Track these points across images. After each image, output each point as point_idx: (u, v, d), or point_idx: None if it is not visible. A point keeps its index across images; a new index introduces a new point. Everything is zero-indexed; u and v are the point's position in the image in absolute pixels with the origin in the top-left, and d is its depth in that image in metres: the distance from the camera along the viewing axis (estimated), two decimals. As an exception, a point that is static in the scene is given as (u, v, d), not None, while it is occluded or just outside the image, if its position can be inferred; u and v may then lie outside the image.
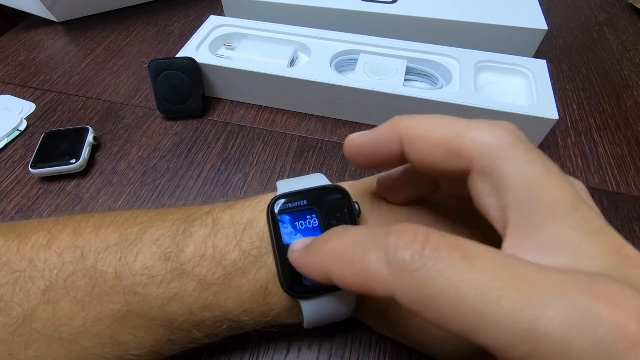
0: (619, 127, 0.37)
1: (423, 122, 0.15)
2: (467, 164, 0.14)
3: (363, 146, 0.17)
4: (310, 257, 0.15)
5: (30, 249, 0.18)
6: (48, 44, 0.47)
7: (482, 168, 0.14)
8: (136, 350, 0.18)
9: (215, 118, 0.38)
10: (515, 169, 0.13)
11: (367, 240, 0.13)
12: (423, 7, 0.42)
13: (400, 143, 0.16)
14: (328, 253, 0.14)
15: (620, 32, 0.50)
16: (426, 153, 0.15)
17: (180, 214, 0.20)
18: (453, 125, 0.15)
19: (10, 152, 0.35)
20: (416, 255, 0.11)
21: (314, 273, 0.15)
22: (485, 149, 0.14)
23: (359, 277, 0.13)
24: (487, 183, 0.14)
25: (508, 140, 0.14)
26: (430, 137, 0.15)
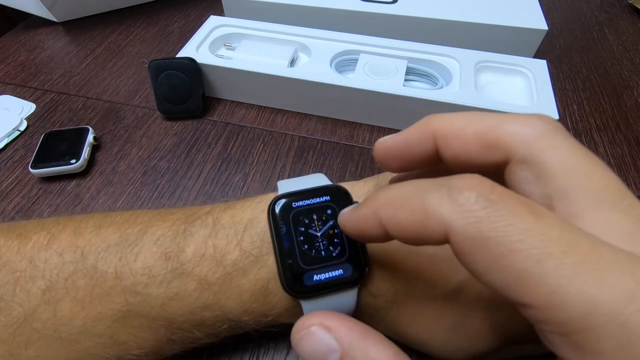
0: (619, 127, 0.38)
1: (455, 119, 0.15)
2: (505, 155, 0.14)
3: (394, 148, 0.16)
4: (362, 209, 0.14)
5: (30, 249, 0.18)
6: (48, 44, 0.47)
7: (523, 157, 0.13)
8: (136, 349, 0.18)
9: (215, 118, 0.38)
10: (558, 156, 0.13)
11: (428, 182, 0.12)
12: (423, 7, 0.42)
13: (434, 141, 0.15)
14: (382, 199, 0.13)
15: (620, 32, 0.50)
16: (462, 148, 0.15)
17: (181, 214, 0.20)
18: (487, 119, 0.14)
19: (10, 152, 0.35)
20: (482, 197, 0.11)
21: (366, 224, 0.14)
22: (524, 138, 0.13)
23: (414, 217, 0.12)
24: (528, 172, 0.13)
25: (547, 129, 0.13)
26: (466, 133, 0.15)
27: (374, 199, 0.14)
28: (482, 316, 0.17)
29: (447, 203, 0.11)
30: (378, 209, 0.13)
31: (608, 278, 0.09)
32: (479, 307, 0.17)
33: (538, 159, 0.13)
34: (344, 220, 0.15)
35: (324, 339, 0.14)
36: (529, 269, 0.10)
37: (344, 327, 0.14)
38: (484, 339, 0.17)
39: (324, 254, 0.17)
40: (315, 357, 0.14)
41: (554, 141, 0.13)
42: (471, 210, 0.11)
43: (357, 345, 0.14)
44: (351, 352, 0.14)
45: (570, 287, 0.09)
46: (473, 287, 0.17)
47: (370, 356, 0.13)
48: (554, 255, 0.10)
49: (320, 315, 0.15)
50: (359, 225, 0.14)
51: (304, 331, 0.14)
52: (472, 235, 0.11)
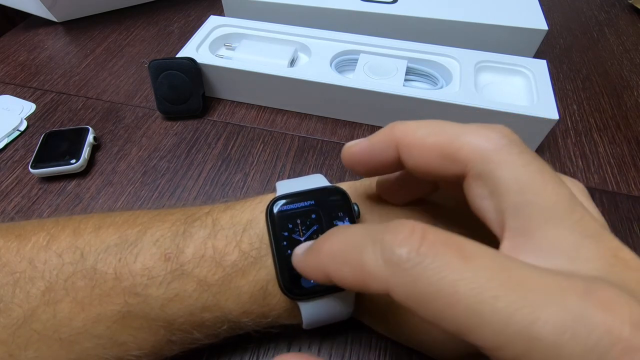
0: (619, 127, 0.37)
1: (417, 128, 0.15)
2: (462, 168, 0.14)
3: (359, 154, 0.17)
4: (310, 259, 0.15)
5: (29, 250, 0.18)
6: (48, 44, 0.47)
7: (477, 172, 0.14)
8: (136, 350, 0.18)
9: (215, 118, 0.38)
10: (510, 173, 0.13)
11: (364, 237, 0.13)
12: (423, 7, 0.42)
13: (396, 149, 0.16)
14: (326, 253, 0.14)
15: (620, 32, 0.50)
16: (422, 159, 0.15)
17: (180, 215, 0.20)
18: (447, 130, 0.15)
19: (10, 152, 0.35)
20: (412, 252, 0.11)
21: (314, 274, 0.15)
22: (479, 153, 0.14)
23: (356, 275, 0.13)
24: (483, 187, 0.14)
25: (502, 144, 0.14)
26: (425, 143, 0.15)
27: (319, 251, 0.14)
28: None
29: (382, 264, 0.12)
30: (324, 263, 0.14)
31: (541, 311, 0.10)
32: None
33: (492, 175, 0.14)
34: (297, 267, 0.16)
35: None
36: (468, 319, 0.10)
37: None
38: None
39: None
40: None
41: (507, 155, 0.14)
42: (405, 268, 0.11)
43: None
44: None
45: (507, 328, 0.10)
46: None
47: None
48: (486, 302, 0.10)
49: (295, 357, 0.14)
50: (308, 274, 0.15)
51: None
52: (411, 294, 0.11)
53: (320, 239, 0.15)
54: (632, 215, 0.31)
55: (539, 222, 0.13)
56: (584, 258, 0.12)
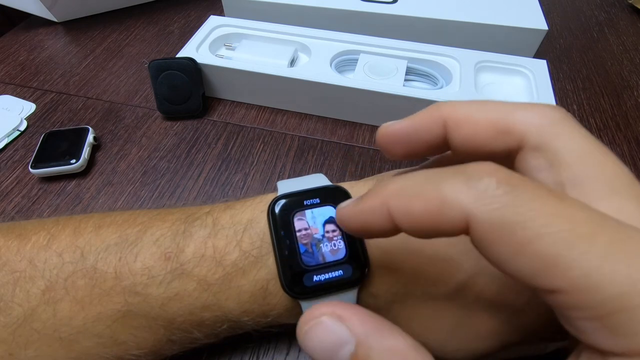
0: (619, 127, 0.37)
1: (467, 105, 0.15)
2: (517, 141, 0.14)
3: (401, 132, 0.16)
4: (367, 201, 0.13)
5: (30, 249, 0.18)
6: (48, 44, 0.47)
7: (535, 144, 0.13)
8: (136, 350, 0.18)
9: (215, 118, 0.38)
10: (570, 144, 0.13)
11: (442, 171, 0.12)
12: (423, 7, 0.42)
13: (443, 127, 0.15)
14: (392, 189, 0.12)
15: (620, 32, 0.50)
16: (473, 134, 0.14)
17: (180, 214, 0.20)
18: (500, 106, 0.14)
19: (10, 152, 0.35)
20: (502, 181, 0.10)
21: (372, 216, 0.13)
22: (538, 125, 0.13)
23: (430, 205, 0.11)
24: (541, 159, 0.13)
25: (559, 117, 0.13)
26: (478, 118, 0.14)
27: (382, 188, 0.13)
28: (482, 317, 0.17)
29: (466, 190, 0.11)
30: (387, 199, 0.12)
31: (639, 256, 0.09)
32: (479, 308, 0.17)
33: (551, 147, 0.13)
34: (345, 214, 0.14)
35: (337, 329, 0.13)
36: (558, 253, 0.09)
37: (358, 316, 0.13)
38: (484, 340, 0.17)
39: None
40: (326, 349, 0.13)
41: (566, 129, 0.13)
42: (493, 196, 0.10)
43: (373, 335, 0.13)
44: (367, 343, 0.13)
45: (603, 267, 0.09)
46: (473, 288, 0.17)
47: (388, 347, 0.13)
48: (584, 237, 0.09)
49: (331, 305, 0.14)
50: (363, 217, 0.13)
51: (313, 321, 0.13)
52: (496, 221, 0.10)
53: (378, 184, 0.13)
54: (632, 215, 0.31)
55: (602, 193, 0.12)
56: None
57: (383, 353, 0.12)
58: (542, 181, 0.13)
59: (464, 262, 0.17)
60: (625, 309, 0.09)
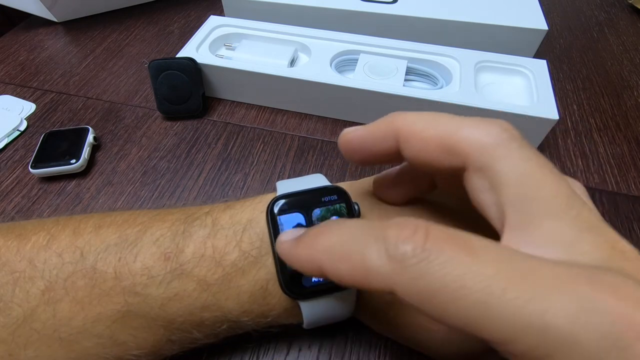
0: (619, 127, 0.37)
1: (418, 119, 0.15)
2: (462, 161, 0.14)
3: (357, 141, 0.17)
4: (301, 250, 0.14)
5: (30, 249, 0.18)
6: (48, 44, 0.47)
7: (478, 165, 0.14)
8: (136, 350, 0.18)
9: (215, 118, 0.38)
10: (510, 166, 0.13)
11: (365, 233, 0.13)
12: (423, 7, 0.42)
13: (396, 139, 0.16)
14: (322, 246, 0.13)
15: (620, 32, 0.50)
16: (422, 150, 0.15)
17: (180, 214, 0.20)
18: (448, 122, 0.15)
19: (10, 152, 0.35)
20: (418, 248, 0.11)
21: (306, 267, 0.14)
22: (480, 146, 0.14)
23: (356, 272, 0.12)
24: (483, 180, 0.14)
25: (503, 138, 0.14)
26: (426, 135, 0.15)
27: (313, 243, 0.14)
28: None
29: (386, 261, 0.12)
30: (319, 257, 0.13)
31: (551, 302, 0.10)
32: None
33: (492, 168, 0.14)
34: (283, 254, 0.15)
35: None
36: (476, 313, 0.10)
37: None
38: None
39: None
40: None
41: (508, 150, 0.14)
42: (410, 264, 0.11)
43: None
44: None
45: (518, 321, 0.10)
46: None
47: None
48: (495, 295, 0.10)
49: None
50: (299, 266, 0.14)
51: None
52: (416, 291, 0.11)
53: (313, 229, 0.14)
54: (632, 215, 0.31)
55: (538, 216, 0.13)
56: (582, 250, 0.12)
57: None
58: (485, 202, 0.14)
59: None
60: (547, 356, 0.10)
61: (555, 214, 0.13)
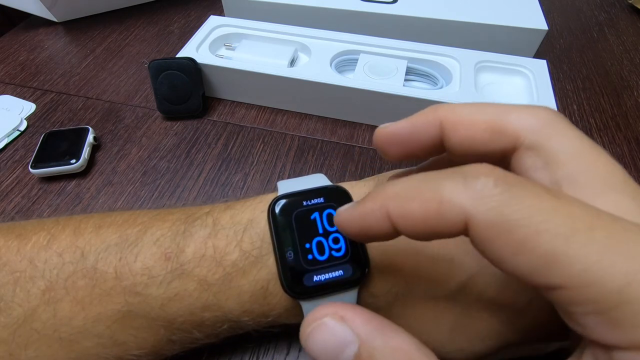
0: (619, 127, 0.37)
1: (463, 107, 0.15)
2: (513, 142, 0.14)
3: (398, 133, 0.16)
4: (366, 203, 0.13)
5: (30, 249, 0.18)
6: (48, 44, 0.47)
7: (530, 144, 0.14)
8: (136, 350, 0.18)
9: (215, 118, 0.38)
10: (565, 143, 0.13)
11: (439, 172, 0.12)
12: (423, 7, 0.42)
13: (440, 128, 0.15)
14: (391, 192, 0.12)
15: (620, 32, 0.50)
16: (470, 135, 0.15)
17: (180, 214, 0.20)
18: (495, 107, 0.15)
19: (10, 152, 0.35)
20: (500, 180, 0.11)
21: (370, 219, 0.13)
22: (533, 125, 0.14)
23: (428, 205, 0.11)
24: (537, 158, 0.14)
25: (553, 118, 0.14)
26: (474, 120, 0.15)
27: (381, 191, 0.13)
28: (483, 317, 0.17)
29: (463, 190, 0.11)
30: (385, 202, 0.12)
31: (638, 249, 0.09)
32: (479, 308, 0.17)
33: (546, 146, 0.13)
34: (344, 218, 0.14)
35: (340, 330, 0.13)
36: (558, 248, 0.10)
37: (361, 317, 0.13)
38: (484, 340, 0.17)
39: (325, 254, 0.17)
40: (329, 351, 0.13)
41: (559, 130, 0.13)
42: (491, 195, 0.10)
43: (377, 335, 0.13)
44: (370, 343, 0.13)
45: (602, 262, 0.09)
46: (474, 288, 0.17)
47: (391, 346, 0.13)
48: (582, 232, 0.10)
49: (334, 306, 0.14)
50: (362, 221, 0.13)
51: (316, 323, 0.13)
52: (495, 220, 0.10)
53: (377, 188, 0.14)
54: (632, 215, 0.31)
55: (598, 189, 0.12)
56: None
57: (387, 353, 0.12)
58: (538, 180, 0.14)
59: (465, 262, 0.17)
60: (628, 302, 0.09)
61: (616, 189, 0.12)
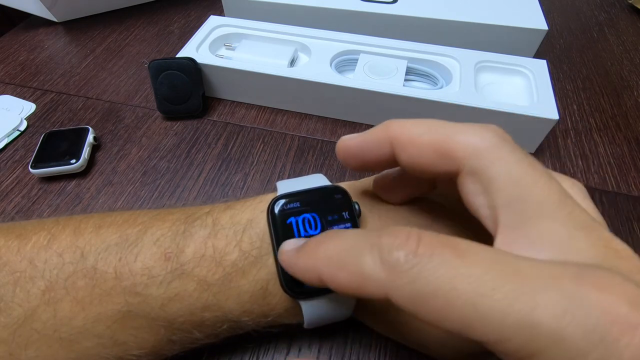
0: (619, 127, 0.37)
1: (412, 126, 0.16)
2: (456, 165, 0.15)
3: (353, 148, 0.17)
4: (302, 259, 0.15)
5: (30, 249, 0.18)
6: (48, 44, 0.47)
7: (471, 168, 0.14)
8: (136, 350, 0.18)
9: (215, 118, 0.38)
10: (502, 169, 0.14)
11: (361, 242, 0.13)
12: (423, 7, 0.42)
13: (391, 146, 0.16)
14: (321, 256, 0.14)
15: (620, 32, 0.50)
16: (416, 156, 0.15)
17: (180, 214, 0.20)
18: (441, 128, 0.15)
19: (10, 152, 0.35)
20: (410, 254, 0.12)
21: (306, 276, 0.15)
22: (473, 150, 0.14)
23: (353, 280, 0.13)
24: (476, 183, 0.14)
25: (495, 142, 0.14)
26: (420, 141, 0.15)
27: (312, 253, 0.15)
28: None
29: (380, 268, 0.12)
30: (318, 266, 0.14)
31: (538, 300, 0.10)
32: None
33: (485, 171, 0.14)
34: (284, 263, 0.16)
35: None
36: (468, 314, 0.11)
37: None
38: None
39: None
40: None
41: (500, 152, 0.14)
42: (403, 270, 0.12)
43: None
44: None
45: (506, 319, 0.10)
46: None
47: None
48: (484, 295, 0.10)
49: None
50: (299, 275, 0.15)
51: None
52: (410, 297, 0.12)
53: (313, 239, 0.15)
54: (632, 215, 0.31)
55: (530, 216, 0.13)
56: (576, 249, 0.12)
57: None
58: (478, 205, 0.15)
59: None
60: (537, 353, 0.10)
61: (548, 214, 0.13)
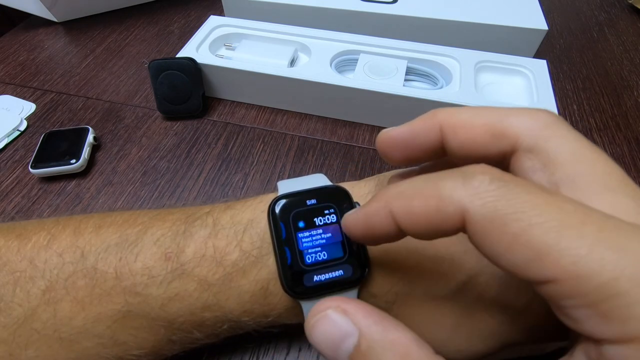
0: (619, 127, 0.37)
1: (463, 111, 0.15)
2: (512, 144, 0.14)
3: (399, 138, 0.16)
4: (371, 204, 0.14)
5: (30, 249, 0.18)
6: (48, 44, 0.47)
7: (529, 146, 0.14)
8: (136, 350, 0.18)
9: (215, 118, 0.38)
10: (563, 145, 0.13)
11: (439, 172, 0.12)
12: (423, 7, 0.42)
13: (440, 132, 0.15)
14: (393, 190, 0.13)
15: (620, 32, 0.50)
16: (469, 138, 0.15)
17: (180, 214, 0.20)
18: (494, 111, 0.15)
19: (10, 152, 0.35)
20: (495, 178, 0.11)
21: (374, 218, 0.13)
22: (531, 127, 0.14)
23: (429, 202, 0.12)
24: (535, 160, 0.14)
25: (551, 121, 0.14)
26: (473, 123, 0.15)
27: (385, 192, 0.13)
28: (483, 317, 0.17)
29: (461, 187, 0.11)
30: (389, 201, 0.13)
31: (627, 243, 0.10)
32: (479, 308, 0.17)
33: (544, 148, 0.14)
34: (351, 221, 0.15)
35: (341, 322, 0.14)
36: (549, 242, 0.10)
37: (362, 310, 0.14)
38: (484, 340, 0.17)
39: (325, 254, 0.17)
40: (330, 341, 0.14)
41: (558, 131, 0.14)
42: (487, 191, 0.11)
43: (376, 328, 0.13)
44: (370, 336, 0.13)
45: (592, 254, 0.09)
46: (474, 288, 0.17)
47: (390, 339, 0.13)
48: (573, 226, 0.10)
49: (336, 300, 0.14)
50: (368, 222, 0.14)
51: (319, 315, 0.14)
52: (490, 214, 0.11)
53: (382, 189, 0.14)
54: (632, 215, 0.31)
55: (595, 190, 0.13)
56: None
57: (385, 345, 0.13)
58: (536, 181, 0.14)
59: (465, 262, 0.17)
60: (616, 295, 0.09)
61: (613, 189, 0.12)
